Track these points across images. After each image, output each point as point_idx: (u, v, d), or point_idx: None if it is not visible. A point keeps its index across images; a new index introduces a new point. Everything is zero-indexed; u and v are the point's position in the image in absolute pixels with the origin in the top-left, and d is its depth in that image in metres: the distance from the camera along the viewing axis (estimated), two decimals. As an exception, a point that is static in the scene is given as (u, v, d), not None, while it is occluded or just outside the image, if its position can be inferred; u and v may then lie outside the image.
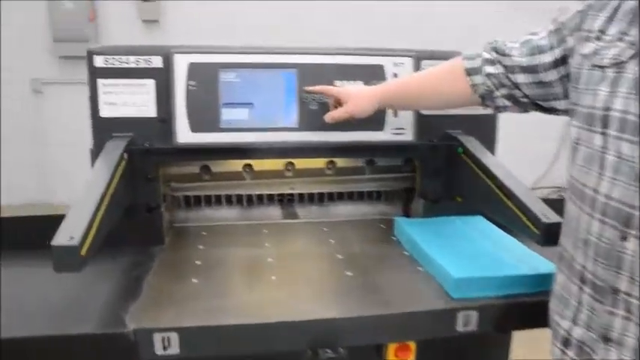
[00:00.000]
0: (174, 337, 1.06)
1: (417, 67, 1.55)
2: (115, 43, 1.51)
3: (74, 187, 1.26)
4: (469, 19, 4.77)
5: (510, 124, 1.24)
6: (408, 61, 1.54)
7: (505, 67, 1.16)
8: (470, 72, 1.23)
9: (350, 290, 1.25)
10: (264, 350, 1.13)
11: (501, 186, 1.33)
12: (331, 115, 1.42)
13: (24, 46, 4.49)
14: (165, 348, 1.07)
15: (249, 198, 1.74)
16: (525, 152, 4.83)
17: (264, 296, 1.21)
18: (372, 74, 1.52)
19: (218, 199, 1.72)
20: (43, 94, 4.64)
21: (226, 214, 1.72)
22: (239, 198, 1.73)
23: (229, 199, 1.72)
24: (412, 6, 4.74)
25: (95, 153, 1.41)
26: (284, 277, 1.31)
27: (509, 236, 1.46)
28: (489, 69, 1.19)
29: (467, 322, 1.17)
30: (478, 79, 1.21)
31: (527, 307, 1.20)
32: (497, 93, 1.20)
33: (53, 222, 1.05)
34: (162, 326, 1.07)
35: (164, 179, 1.57)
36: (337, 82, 1.50)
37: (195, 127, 1.43)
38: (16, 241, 1.33)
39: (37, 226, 1.21)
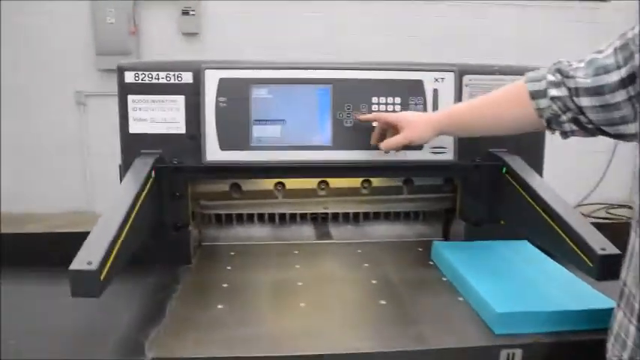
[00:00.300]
0: (195, 367, 1.01)
1: (459, 83, 1.47)
2: (156, 56, 1.49)
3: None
4: (522, 31, 4.67)
5: (556, 136, 1.15)
6: (449, 77, 1.46)
7: (569, 89, 1.05)
8: (534, 95, 1.11)
9: (383, 321, 1.17)
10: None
11: (549, 210, 1.22)
12: (387, 144, 1.33)
13: (69, 59, 4.61)
14: (185, 379, 1.01)
15: (282, 217, 1.68)
16: (572, 166, 4.64)
17: (290, 325, 1.14)
18: (411, 90, 1.45)
19: (249, 218, 1.67)
20: (86, 105, 4.75)
21: (257, 233, 1.67)
22: (270, 217, 1.68)
23: (260, 218, 1.67)
24: (462, 19, 4.66)
25: (124, 169, 1.38)
26: (313, 303, 1.24)
27: (558, 265, 1.35)
28: (554, 92, 1.07)
29: (511, 361, 1.07)
30: (543, 102, 1.10)
31: (579, 346, 1.09)
32: (564, 117, 1.08)
33: (79, 239, 1.02)
34: (181, 356, 1.01)
35: (193, 197, 1.53)
36: (374, 99, 1.43)
37: (225, 145, 1.39)
38: (42, 258, 1.31)
39: (62, 242, 1.18)
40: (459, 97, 1.47)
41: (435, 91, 1.45)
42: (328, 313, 1.19)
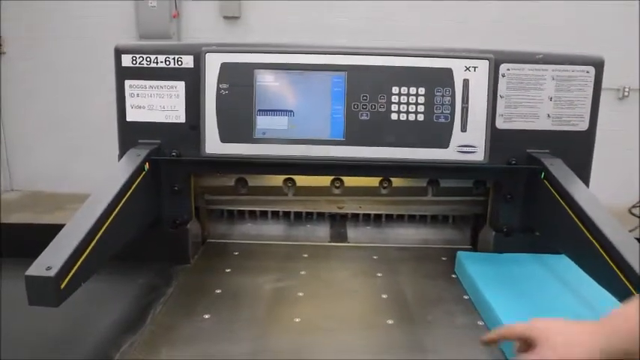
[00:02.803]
0: (163, 387, 0.90)
1: (495, 73, 1.28)
2: (197, 40, 1.37)
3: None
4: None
5: (605, 135, 0.96)
6: (483, 65, 1.28)
7: None
8: None
9: (386, 347, 1.02)
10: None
11: (589, 224, 1.04)
12: None
13: (111, 42, 4.60)
14: (153, 400, 0.90)
15: (297, 215, 1.55)
16: (621, 167, 4.29)
17: (279, 345, 1.01)
18: (437, 80, 1.27)
19: (260, 215, 1.55)
20: (130, 89, 4.74)
21: (267, 231, 1.55)
22: (284, 214, 1.55)
23: (271, 215, 1.55)
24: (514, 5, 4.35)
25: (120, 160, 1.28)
26: (310, 320, 1.10)
27: (600, 288, 1.15)
28: None
29: (532, 405, 0.90)
30: None
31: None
32: None
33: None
34: (151, 376, 0.90)
35: (197, 191, 1.42)
36: (394, 89, 1.27)
37: (226, 137, 1.26)
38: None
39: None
40: (493, 90, 1.29)
41: (466, 81, 1.27)
42: (324, 333, 1.05)
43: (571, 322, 0.86)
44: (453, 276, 1.32)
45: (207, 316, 1.09)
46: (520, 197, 1.35)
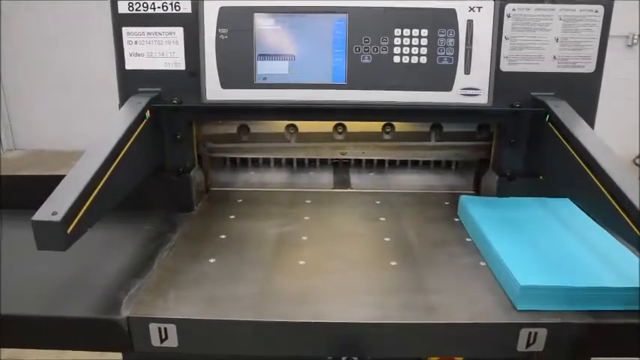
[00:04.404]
0: (171, 328, 0.92)
1: (501, 13, 1.25)
2: None
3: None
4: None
5: (612, 83, 0.95)
6: (488, 5, 1.24)
7: None
8: None
9: (390, 287, 1.03)
10: (275, 353, 0.95)
11: (592, 164, 1.03)
12: None
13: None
14: (162, 340, 0.93)
15: (300, 162, 1.55)
16: (628, 117, 4.24)
17: (284, 286, 1.03)
18: (440, 21, 1.24)
19: (262, 162, 1.55)
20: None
21: (270, 179, 1.55)
22: (287, 161, 1.55)
23: (274, 162, 1.55)
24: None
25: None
26: (314, 262, 1.11)
27: (604, 231, 1.16)
28: None
29: (532, 342, 0.92)
30: None
31: (617, 330, 0.93)
32: None
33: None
34: (160, 316, 0.92)
35: (200, 139, 1.42)
36: (397, 31, 1.24)
37: (227, 83, 1.25)
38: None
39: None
40: (498, 31, 1.26)
41: (470, 22, 1.24)
42: (328, 275, 1.07)
43: None
44: (456, 220, 1.32)
45: (212, 260, 1.11)
46: (524, 141, 1.34)
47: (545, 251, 1.07)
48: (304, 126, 1.45)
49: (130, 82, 1.29)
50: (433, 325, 0.93)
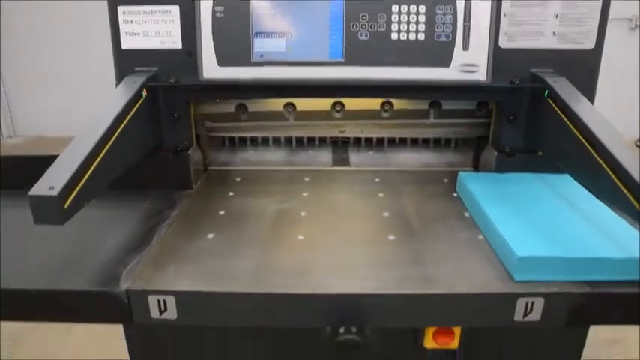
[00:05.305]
0: (170, 300, 0.93)
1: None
2: None
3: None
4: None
5: (614, 65, 0.94)
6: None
7: None
8: None
9: (388, 259, 1.04)
10: (273, 324, 0.96)
11: (591, 138, 1.03)
12: None
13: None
14: (161, 312, 0.94)
15: (299, 141, 1.56)
16: (630, 100, 4.22)
17: (282, 260, 1.03)
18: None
19: (261, 141, 1.55)
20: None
21: (269, 157, 1.55)
22: (285, 141, 1.55)
23: (272, 142, 1.55)
24: None
25: (118, 89, 1.27)
26: (313, 237, 1.12)
27: (603, 205, 1.16)
28: None
29: (528, 311, 0.93)
30: None
31: (613, 300, 0.94)
32: None
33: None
34: (158, 288, 0.93)
35: (197, 118, 1.42)
36: (394, 7, 1.24)
37: (223, 61, 1.25)
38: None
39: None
40: (497, 7, 1.25)
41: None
42: (327, 249, 1.07)
43: None
44: (455, 195, 1.33)
45: (211, 236, 1.11)
46: (523, 118, 1.34)
47: (542, 224, 1.07)
48: (302, 104, 1.45)
49: (126, 61, 1.29)
50: (431, 296, 0.93)
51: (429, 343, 1.02)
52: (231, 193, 1.34)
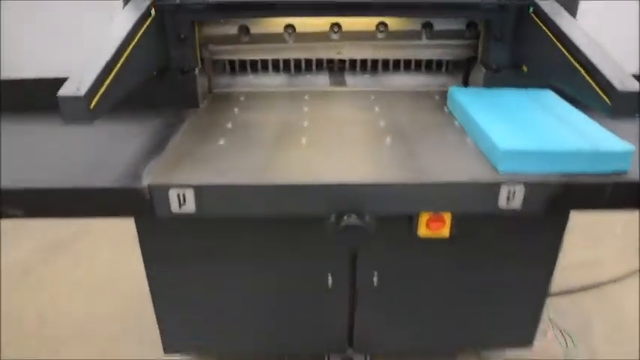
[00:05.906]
0: (189, 193, 1.03)
1: None
2: None
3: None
4: None
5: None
6: None
7: None
8: None
9: (385, 155, 1.14)
10: (283, 213, 1.07)
11: (570, 46, 1.12)
12: None
13: None
14: (180, 205, 1.04)
15: (295, 64, 1.63)
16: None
17: (289, 157, 1.13)
18: None
19: (261, 65, 1.62)
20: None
21: (269, 80, 1.62)
22: (284, 64, 1.62)
23: (272, 65, 1.62)
24: None
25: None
26: (315, 140, 1.22)
27: (579, 111, 1.26)
28: None
29: (511, 199, 1.04)
30: None
31: (587, 189, 1.05)
32: None
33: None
34: (178, 182, 1.03)
35: (201, 41, 1.48)
36: None
37: (227, -20, 1.30)
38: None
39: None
40: None
41: None
42: (328, 149, 1.17)
43: None
44: (446, 109, 1.42)
45: (222, 142, 1.20)
46: (509, 36, 1.41)
47: (525, 125, 1.17)
48: (302, 26, 1.51)
49: (133, -18, 1.34)
50: (424, 185, 1.04)
51: (423, 228, 1.13)
52: (236, 110, 1.42)
